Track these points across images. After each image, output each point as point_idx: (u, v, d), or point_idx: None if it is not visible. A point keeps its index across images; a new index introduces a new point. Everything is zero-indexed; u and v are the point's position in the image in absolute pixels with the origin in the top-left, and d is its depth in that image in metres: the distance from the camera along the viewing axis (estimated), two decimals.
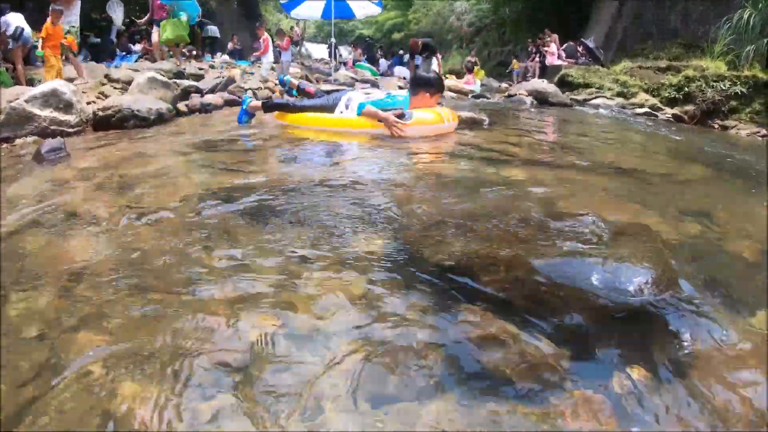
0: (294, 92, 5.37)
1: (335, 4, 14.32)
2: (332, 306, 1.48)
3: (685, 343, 1.35)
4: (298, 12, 16.20)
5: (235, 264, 1.73)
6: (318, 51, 28.26)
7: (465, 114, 4.95)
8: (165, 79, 6.58)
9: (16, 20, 8.60)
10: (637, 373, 1.23)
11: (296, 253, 1.81)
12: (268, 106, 4.90)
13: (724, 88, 8.94)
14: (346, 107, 4.48)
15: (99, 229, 2.09)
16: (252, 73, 14.46)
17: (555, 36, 15.66)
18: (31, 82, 8.58)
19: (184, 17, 10.59)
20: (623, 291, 1.46)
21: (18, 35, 8.45)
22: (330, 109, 4.58)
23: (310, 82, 15.28)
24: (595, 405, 1.14)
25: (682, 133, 6.81)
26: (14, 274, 1.71)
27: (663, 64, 10.43)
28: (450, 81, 12.23)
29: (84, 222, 2.18)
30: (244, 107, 4.97)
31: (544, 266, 1.57)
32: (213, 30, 16.54)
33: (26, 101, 4.90)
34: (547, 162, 3.42)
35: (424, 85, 4.40)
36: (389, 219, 2.12)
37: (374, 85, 11.17)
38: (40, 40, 7.42)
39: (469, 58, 19.56)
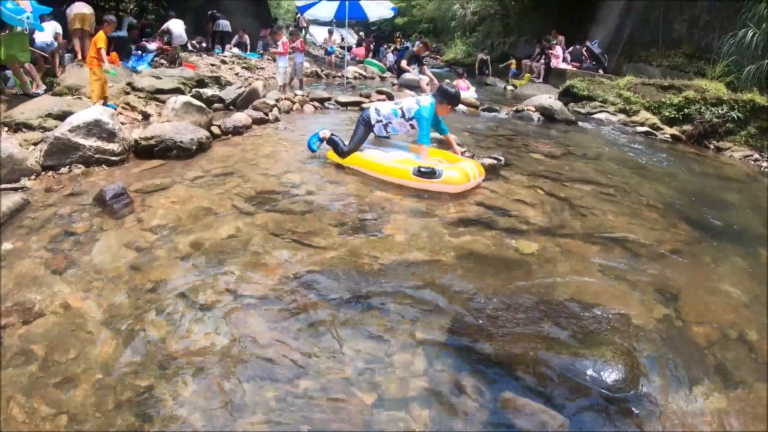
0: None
1: (349, 5, 15.00)
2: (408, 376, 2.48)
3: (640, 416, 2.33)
4: (312, 12, 16.92)
5: (331, 351, 2.69)
6: (321, 34, 28.43)
7: (486, 161, 5.88)
8: (200, 104, 7.30)
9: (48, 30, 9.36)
10: None
11: (374, 335, 2.82)
12: (329, 141, 5.91)
13: (722, 112, 9.71)
14: (385, 129, 5.70)
15: (212, 316, 2.94)
16: (263, 68, 15.27)
17: (561, 38, 16.49)
18: (51, 86, 9.11)
19: (20, 29, 8.47)
20: (605, 385, 2.40)
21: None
22: (365, 134, 5.72)
23: (321, 78, 16.15)
24: None
25: (679, 163, 7.75)
26: (156, 363, 2.56)
27: (665, 82, 11.22)
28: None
29: (194, 306, 3.01)
30: (316, 139, 6.02)
31: (559, 363, 2.56)
32: (224, 24, 17.19)
33: (70, 131, 5.42)
34: (555, 229, 4.36)
35: (449, 99, 5.50)
36: (438, 305, 3.10)
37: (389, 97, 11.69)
38: (100, 51, 7.62)
39: (481, 56, 20.38)
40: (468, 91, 13.25)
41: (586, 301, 3.18)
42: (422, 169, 5.05)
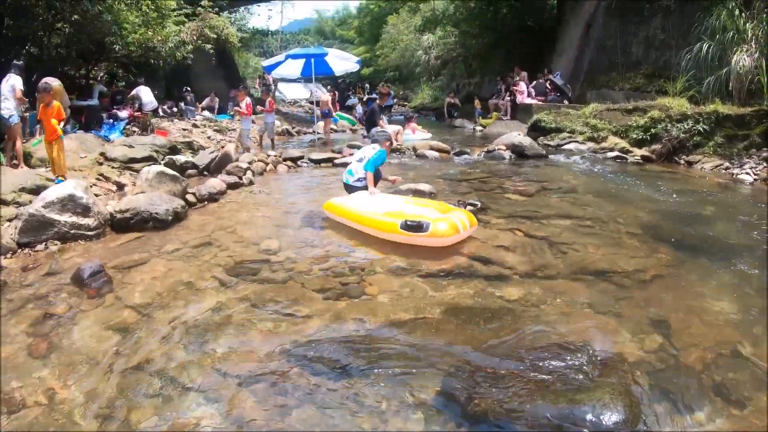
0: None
1: (315, 61, 15.32)
2: None
3: None
4: (278, 72, 17.27)
5: (322, 423, 2.64)
6: (290, 90, 28.80)
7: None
8: (173, 172, 7.32)
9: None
10: None
11: (366, 402, 2.78)
12: None
13: (687, 126, 9.95)
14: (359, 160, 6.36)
15: (198, 396, 2.86)
16: (234, 129, 15.39)
17: (524, 74, 16.90)
18: (27, 159, 8.35)
19: None
20: (607, 429, 2.37)
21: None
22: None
23: (292, 135, 16.34)
24: None
25: (652, 183, 7.91)
26: None
27: (630, 105, 11.54)
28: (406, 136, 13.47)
29: (180, 387, 2.95)
30: None
31: (557, 413, 2.54)
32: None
33: (44, 207, 5.38)
34: (538, 271, 4.41)
35: (387, 138, 6.46)
36: (428, 365, 3.07)
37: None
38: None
39: (448, 100, 20.84)
40: (414, 134, 13.56)
41: (577, 342, 3.18)
42: (409, 223, 4.99)
